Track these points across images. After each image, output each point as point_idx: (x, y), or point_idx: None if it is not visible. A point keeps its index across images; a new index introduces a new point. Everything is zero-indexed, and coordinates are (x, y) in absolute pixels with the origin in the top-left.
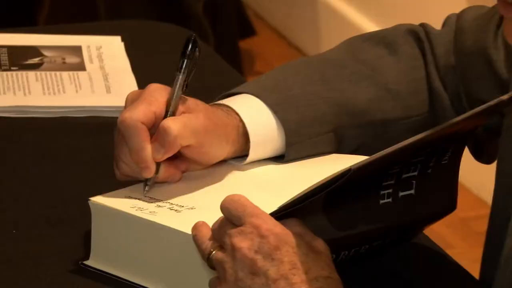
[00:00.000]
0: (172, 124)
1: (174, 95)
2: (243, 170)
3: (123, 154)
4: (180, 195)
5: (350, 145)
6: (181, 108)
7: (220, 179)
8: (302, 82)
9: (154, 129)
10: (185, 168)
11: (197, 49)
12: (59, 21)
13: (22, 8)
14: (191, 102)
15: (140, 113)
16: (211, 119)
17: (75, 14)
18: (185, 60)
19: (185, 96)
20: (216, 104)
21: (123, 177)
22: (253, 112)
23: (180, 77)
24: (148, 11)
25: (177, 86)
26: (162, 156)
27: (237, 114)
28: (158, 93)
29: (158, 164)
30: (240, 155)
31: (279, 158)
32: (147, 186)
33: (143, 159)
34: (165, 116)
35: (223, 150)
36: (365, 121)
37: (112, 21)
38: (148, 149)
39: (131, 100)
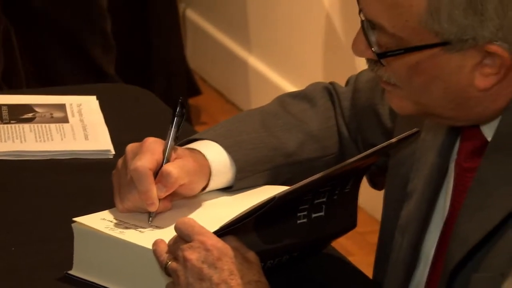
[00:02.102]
0: (173, 169)
1: (169, 145)
2: (200, 197)
3: (130, 194)
4: (144, 218)
5: (282, 178)
6: (173, 155)
7: (180, 205)
8: (247, 130)
9: (156, 173)
10: (172, 200)
11: (184, 109)
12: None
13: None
14: (180, 150)
15: (148, 162)
16: (196, 162)
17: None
18: (176, 118)
19: (175, 146)
20: (187, 147)
21: (124, 210)
22: (214, 154)
23: (173, 131)
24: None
25: (171, 138)
26: (164, 194)
27: (203, 155)
28: (155, 144)
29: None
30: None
31: (227, 188)
32: (151, 217)
33: (150, 198)
34: (163, 162)
35: (201, 185)
36: (294, 161)
37: (90, 84)
38: (154, 190)
39: (132, 151)
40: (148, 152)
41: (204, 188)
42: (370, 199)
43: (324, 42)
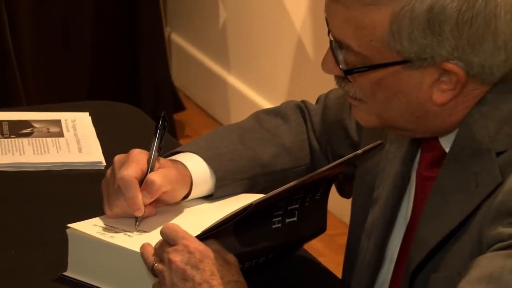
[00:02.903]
0: (156, 178)
1: (152, 156)
2: (183, 205)
3: (118, 201)
4: (131, 224)
5: (259, 187)
6: (157, 165)
7: (166, 211)
8: (225, 144)
9: (141, 181)
10: (156, 206)
11: (166, 123)
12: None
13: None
14: (163, 160)
15: (133, 171)
16: (178, 171)
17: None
18: (158, 131)
19: (159, 157)
20: (171, 159)
21: (113, 216)
22: (195, 165)
23: (156, 142)
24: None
25: (154, 149)
26: (149, 200)
27: (185, 166)
28: (140, 155)
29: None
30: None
31: (208, 196)
32: (137, 221)
33: (136, 204)
34: (147, 171)
35: (183, 193)
36: (269, 171)
37: (83, 102)
38: (140, 196)
39: (119, 162)
40: (134, 162)
41: (186, 196)
42: (339, 204)
43: (295, 61)
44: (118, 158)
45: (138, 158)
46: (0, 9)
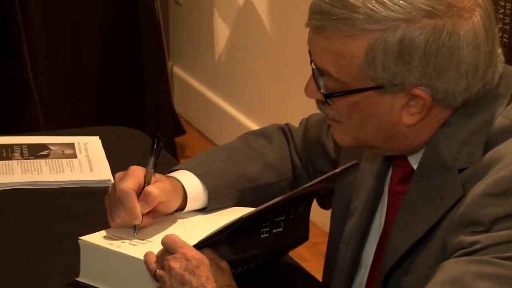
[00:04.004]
0: (153, 189)
1: (149, 171)
2: (181, 217)
3: (119, 211)
4: (139, 235)
5: (248, 200)
6: (153, 179)
7: (166, 222)
8: (216, 162)
9: (138, 193)
10: (154, 216)
11: (161, 143)
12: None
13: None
14: (158, 175)
15: (131, 184)
16: (171, 184)
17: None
18: (154, 149)
19: (154, 172)
20: (167, 176)
21: (116, 226)
22: (189, 180)
23: (152, 159)
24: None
25: (150, 165)
26: (147, 210)
27: (180, 182)
28: (138, 171)
29: (142, 215)
30: (180, 208)
31: (203, 209)
32: (136, 230)
33: (134, 213)
34: (144, 185)
35: (176, 204)
36: (256, 185)
37: (94, 127)
38: (138, 206)
39: (119, 177)
40: (132, 176)
41: (182, 209)
42: (320, 215)
43: (281, 90)
44: (118, 174)
45: (136, 173)
46: (21, 41)
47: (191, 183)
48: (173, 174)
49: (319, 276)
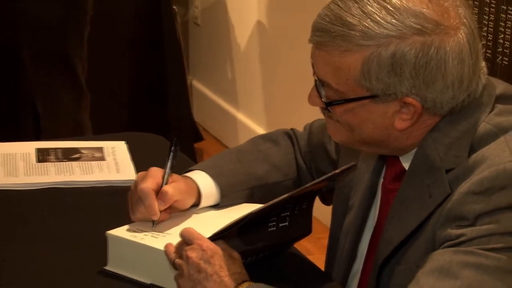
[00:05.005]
0: (169, 189)
1: (167, 173)
2: (196, 212)
3: (139, 207)
4: (160, 228)
5: (256, 197)
6: (170, 179)
7: (183, 217)
8: (227, 163)
9: (157, 192)
10: (170, 212)
11: (178, 147)
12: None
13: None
14: (175, 176)
15: (150, 184)
16: (186, 184)
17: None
18: (171, 153)
19: (171, 173)
20: (183, 175)
21: (136, 220)
22: (203, 180)
23: (169, 162)
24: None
25: (168, 167)
26: (163, 207)
27: (195, 181)
28: (157, 172)
29: (159, 212)
30: (195, 204)
31: (216, 206)
32: (154, 224)
33: (153, 210)
34: (162, 184)
35: (191, 201)
36: (263, 184)
37: (121, 133)
38: (155, 204)
39: (141, 177)
40: (151, 177)
41: (197, 206)
42: (323, 212)
43: (287, 99)
44: (140, 174)
45: (155, 173)
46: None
47: (205, 182)
48: (189, 174)
49: (322, 266)
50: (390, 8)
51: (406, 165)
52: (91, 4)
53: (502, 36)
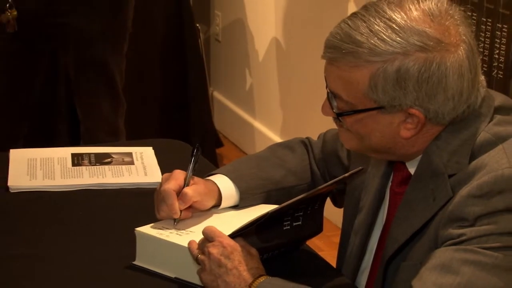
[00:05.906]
0: (189, 191)
1: (189, 175)
2: (217, 212)
3: (162, 206)
4: (184, 226)
5: (272, 200)
6: (191, 181)
7: (205, 216)
8: (247, 168)
9: (179, 193)
10: (191, 212)
11: (199, 152)
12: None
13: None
14: (196, 178)
15: (172, 186)
16: (206, 187)
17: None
18: (193, 157)
19: (193, 176)
20: (206, 178)
21: (160, 218)
22: (224, 183)
23: (191, 165)
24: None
25: (190, 170)
26: (184, 207)
27: (215, 184)
28: (180, 174)
29: (180, 211)
30: (216, 205)
31: (235, 206)
32: (175, 222)
33: (174, 209)
34: (184, 186)
35: (211, 202)
36: (280, 187)
37: (149, 139)
38: (176, 203)
39: (165, 178)
40: (174, 179)
41: (218, 206)
42: (334, 214)
43: (303, 110)
44: (164, 176)
45: (177, 175)
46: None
47: (226, 185)
48: (211, 177)
49: (332, 262)
50: (395, 27)
51: (412, 170)
52: (130, 22)
53: (498, 51)
